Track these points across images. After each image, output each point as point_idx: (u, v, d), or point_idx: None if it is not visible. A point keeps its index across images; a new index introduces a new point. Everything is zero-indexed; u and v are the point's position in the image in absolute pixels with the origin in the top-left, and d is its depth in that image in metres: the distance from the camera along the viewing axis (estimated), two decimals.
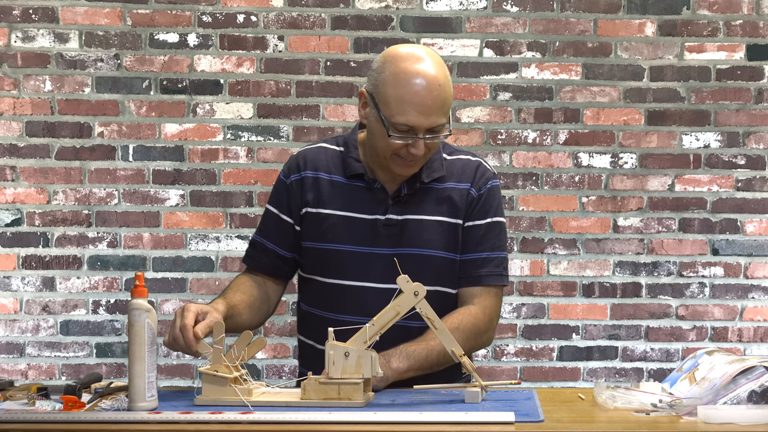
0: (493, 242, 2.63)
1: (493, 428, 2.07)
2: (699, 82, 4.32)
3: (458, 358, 2.31)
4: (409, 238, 2.57)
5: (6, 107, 4.24)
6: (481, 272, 2.62)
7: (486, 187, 2.63)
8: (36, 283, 4.25)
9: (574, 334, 4.33)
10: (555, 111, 4.32)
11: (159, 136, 4.28)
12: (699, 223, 4.33)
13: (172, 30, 4.26)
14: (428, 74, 2.46)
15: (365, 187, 2.60)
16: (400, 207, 2.59)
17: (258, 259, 2.68)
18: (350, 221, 2.58)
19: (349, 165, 2.61)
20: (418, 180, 2.59)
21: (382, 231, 2.57)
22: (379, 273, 2.55)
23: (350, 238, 2.57)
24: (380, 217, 2.58)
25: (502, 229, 2.65)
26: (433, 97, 2.45)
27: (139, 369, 2.20)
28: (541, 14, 4.31)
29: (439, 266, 2.58)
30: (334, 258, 2.58)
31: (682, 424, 2.11)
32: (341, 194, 2.60)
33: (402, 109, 2.45)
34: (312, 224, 2.61)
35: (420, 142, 2.47)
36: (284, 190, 2.66)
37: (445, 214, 2.60)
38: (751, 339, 4.33)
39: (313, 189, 2.62)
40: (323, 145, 2.68)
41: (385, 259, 2.54)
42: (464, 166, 2.64)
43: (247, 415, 2.14)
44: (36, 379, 4.24)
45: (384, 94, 2.48)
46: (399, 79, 2.46)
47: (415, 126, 2.46)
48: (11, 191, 4.25)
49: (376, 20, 4.28)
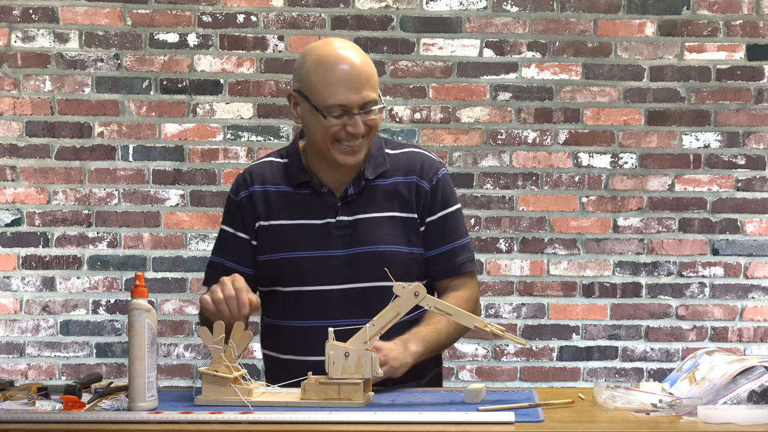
0: (458, 230, 2.67)
1: (493, 428, 2.07)
2: (699, 82, 4.32)
3: (484, 329, 2.31)
4: (362, 237, 2.59)
5: (6, 107, 4.24)
6: (457, 261, 2.66)
7: (437, 178, 2.65)
8: (36, 283, 4.25)
9: (574, 334, 4.33)
10: (555, 111, 4.32)
11: (159, 136, 4.28)
12: (699, 223, 4.33)
13: (172, 30, 4.26)
14: (347, 54, 2.53)
15: (312, 193, 2.62)
16: (350, 208, 2.61)
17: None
18: (302, 228, 2.60)
19: (293, 174, 2.64)
20: (362, 178, 2.61)
21: (334, 233, 2.59)
22: (337, 275, 2.57)
23: (304, 244, 2.59)
24: (331, 220, 2.60)
25: (461, 215, 2.70)
26: (357, 72, 2.51)
27: (139, 369, 2.20)
28: (541, 14, 4.31)
29: (394, 261, 2.58)
30: (290, 266, 2.59)
31: (682, 424, 2.11)
32: (290, 203, 2.63)
33: (331, 91, 2.50)
34: (266, 237, 2.63)
35: (357, 119, 2.51)
36: (235, 207, 2.68)
37: (396, 209, 2.62)
38: (751, 339, 4.33)
39: (263, 202, 2.64)
40: (268, 159, 2.72)
41: (342, 260, 2.57)
42: (408, 159, 2.66)
43: (247, 415, 2.14)
44: (36, 379, 4.24)
45: (310, 83, 2.52)
46: (321, 64, 2.52)
47: (347, 104, 2.50)
48: (11, 191, 4.25)
49: (376, 20, 4.28)
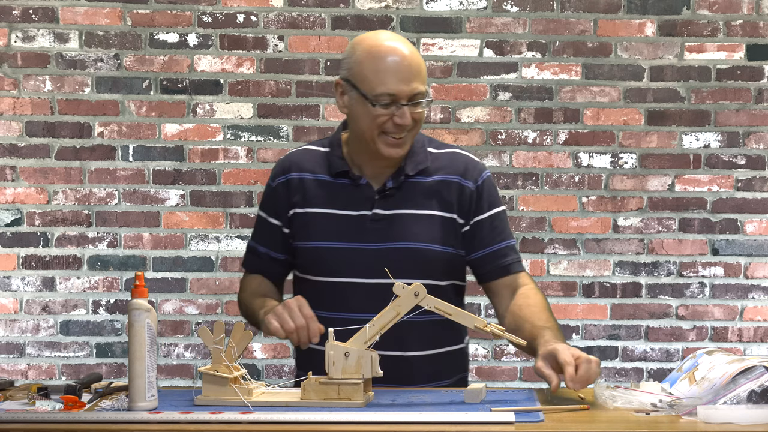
0: (506, 231, 2.67)
1: (493, 428, 2.07)
2: (699, 82, 4.33)
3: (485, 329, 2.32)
4: (397, 232, 2.58)
5: (6, 107, 4.24)
6: (506, 261, 2.66)
7: (482, 179, 2.65)
8: (36, 283, 4.25)
9: (574, 334, 4.33)
10: (555, 111, 4.32)
11: (159, 136, 4.28)
12: (699, 223, 4.34)
13: (172, 30, 4.27)
14: (398, 45, 2.54)
15: (351, 184, 2.62)
16: (387, 202, 2.60)
17: (253, 263, 2.74)
18: (337, 218, 2.60)
19: (333, 163, 2.64)
20: (402, 173, 2.61)
21: (369, 226, 2.59)
22: (369, 269, 2.56)
23: (338, 235, 2.59)
24: (367, 212, 2.60)
25: (506, 217, 2.70)
26: (408, 62, 2.51)
27: (139, 369, 2.20)
28: (541, 14, 4.31)
29: (428, 259, 2.59)
30: (323, 256, 2.60)
31: (682, 424, 2.11)
32: (327, 193, 2.63)
33: (381, 80, 2.50)
34: (301, 225, 2.64)
35: (404, 110, 2.51)
36: (271, 193, 2.70)
37: (435, 207, 2.61)
38: (751, 339, 4.33)
39: (300, 190, 2.64)
40: (308, 147, 2.72)
41: (374, 254, 2.56)
42: (452, 160, 2.66)
43: (247, 415, 2.14)
44: (36, 379, 4.25)
45: (360, 72, 2.53)
46: (372, 53, 2.53)
47: (396, 94, 2.50)
48: (11, 191, 4.25)
49: (376, 20, 4.28)
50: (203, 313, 4.28)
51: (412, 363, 2.59)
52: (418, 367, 2.60)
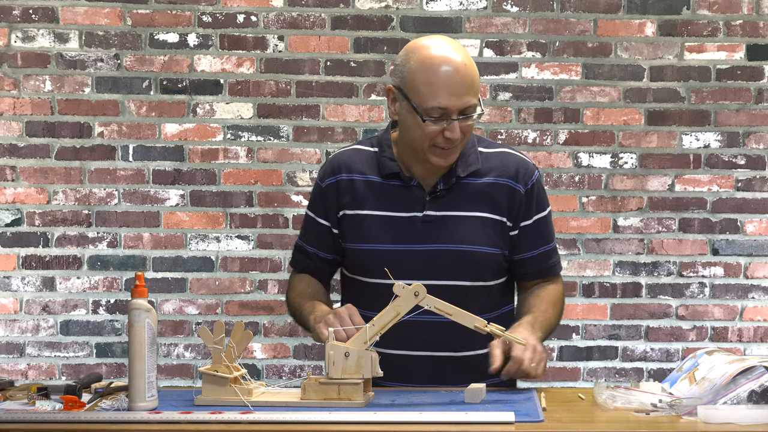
0: (550, 234, 2.69)
1: (493, 428, 2.07)
2: (699, 82, 4.32)
3: (485, 329, 2.32)
4: (448, 234, 2.58)
5: (6, 107, 4.24)
6: (549, 264, 2.69)
7: (532, 182, 2.64)
8: (36, 283, 4.25)
9: (574, 334, 4.33)
10: (555, 111, 4.32)
11: (159, 136, 4.28)
12: (699, 223, 4.33)
13: (172, 30, 4.26)
14: (453, 57, 2.50)
15: (401, 185, 2.61)
16: (438, 203, 2.59)
17: (302, 262, 2.74)
18: (388, 220, 2.60)
19: (383, 164, 2.63)
20: (453, 175, 2.59)
21: (420, 228, 2.58)
22: (419, 270, 2.54)
23: (389, 237, 2.59)
24: (418, 214, 2.59)
25: (551, 218, 2.72)
26: (461, 76, 2.48)
27: (139, 369, 2.20)
28: (541, 14, 4.31)
29: (478, 261, 2.59)
30: (373, 257, 2.59)
31: (682, 424, 2.11)
32: (378, 194, 2.62)
33: (433, 93, 2.47)
34: (351, 226, 2.63)
35: (455, 125, 2.49)
36: (320, 194, 2.68)
37: (485, 209, 2.60)
38: (751, 339, 4.33)
39: (349, 191, 2.63)
40: (357, 147, 2.70)
41: (424, 256, 2.56)
42: (503, 161, 2.64)
43: (247, 415, 2.14)
44: (36, 379, 4.24)
45: (413, 82, 2.50)
46: (426, 65, 2.49)
47: (447, 108, 2.48)
48: (11, 191, 4.25)
49: (376, 20, 4.28)
50: (203, 313, 4.28)
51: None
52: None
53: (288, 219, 4.28)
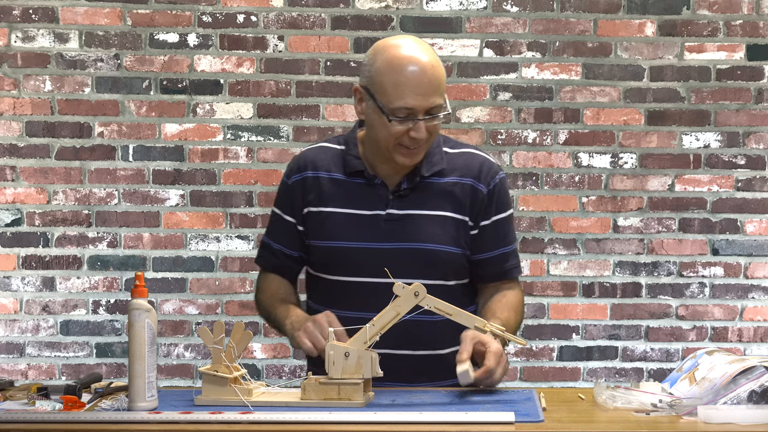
0: (510, 235, 2.70)
1: (493, 428, 2.07)
2: (699, 82, 4.32)
3: (484, 329, 2.33)
4: (411, 232, 2.59)
5: (6, 107, 4.24)
6: (507, 266, 2.69)
7: (495, 182, 2.65)
8: (36, 283, 4.25)
9: (574, 334, 4.33)
10: (555, 111, 4.32)
11: (159, 136, 4.28)
12: (699, 223, 4.34)
13: (172, 30, 4.26)
14: (420, 57, 2.51)
15: (366, 183, 2.62)
16: (402, 202, 2.61)
17: (268, 260, 2.75)
18: (352, 218, 2.61)
19: (348, 162, 2.64)
20: (418, 174, 2.61)
21: (383, 226, 2.59)
22: (382, 268, 2.54)
23: (352, 234, 2.60)
24: (381, 212, 2.60)
25: (512, 220, 2.72)
26: (428, 77, 2.49)
27: (139, 369, 2.20)
28: (541, 14, 4.31)
29: (441, 260, 2.60)
30: (337, 255, 2.60)
31: (682, 424, 2.11)
32: (342, 191, 2.63)
33: (399, 93, 2.49)
34: (315, 223, 2.64)
35: (420, 125, 2.50)
36: (286, 191, 2.70)
37: (448, 209, 2.62)
38: (751, 339, 4.33)
39: (315, 188, 2.64)
40: (324, 145, 2.71)
41: (388, 254, 2.57)
42: (468, 160, 2.66)
43: (247, 415, 2.14)
44: (36, 379, 4.24)
45: (380, 83, 2.51)
46: (393, 65, 2.50)
47: (414, 108, 2.49)
48: (11, 191, 4.25)
49: (376, 20, 4.28)
50: (203, 313, 4.28)
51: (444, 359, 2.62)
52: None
53: None
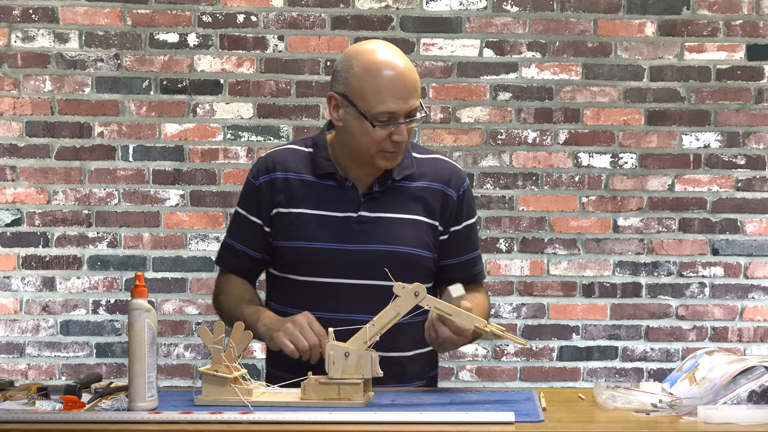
0: (475, 241, 2.74)
1: (493, 428, 2.07)
2: (699, 82, 4.32)
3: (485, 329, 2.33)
4: (382, 235, 2.60)
5: (6, 107, 4.24)
6: (474, 271, 2.73)
7: (463, 189, 2.69)
8: (36, 283, 4.25)
9: (574, 334, 4.33)
10: (555, 111, 4.32)
11: (159, 136, 4.28)
12: (699, 223, 4.33)
13: (172, 30, 4.26)
14: (396, 61, 2.54)
15: (336, 185, 2.63)
16: (372, 204, 2.62)
17: (229, 260, 2.73)
18: (322, 219, 2.61)
19: (319, 164, 2.64)
20: (389, 177, 2.63)
21: (355, 228, 2.60)
22: (352, 269, 2.58)
23: (322, 235, 2.60)
24: (353, 214, 2.61)
25: (477, 226, 2.77)
26: (407, 80, 2.52)
27: (139, 369, 2.20)
28: (541, 14, 4.31)
29: (413, 263, 2.61)
30: (306, 255, 2.60)
31: (682, 424, 2.11)
32: (312, 193, 2.63)
33: (381, 98, 2.51)
34: (284, 224, 2.64)
35: (402, 128, 2.53)
36: (253, 191, 2.68)
37: (420, 213, 2.64)
38: (751, 339, 4.33)
39: (284, 189, 2.64)
40: (292, 147, 2.72)
41: (358, 255, 2.59)
42: (436, 167, 2.69)
43: (247, 415, 2.14)
44: (36, 379, 4.24)
45: (359, 88, 2.53)
46: (371, 71, 2.52)
47: (395, 112, 2.51)
48: (11, 191, 4.25)
49: (376, 20, 4.28)
50: (203, 313, 4.28)
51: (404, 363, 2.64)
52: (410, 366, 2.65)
53: None
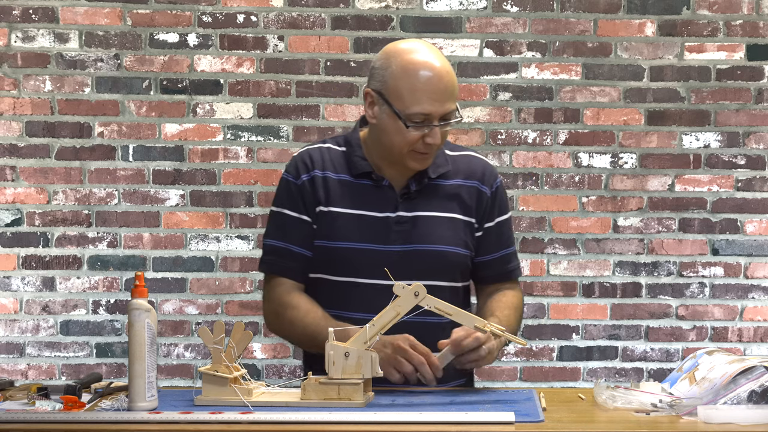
0: (511, 238, 2.73)
1: (493, 428, 2.07)
2: (699, 82, 4.32)
3: (485, 329, 2.33)
4: (421, 234, 2.59)
5: (6, 107, 4.24)
6: (509, 267, 2.72)
7: (496, 185, 2.68)
8: (36, 283, 4.25)
9: (574, 334, 4.33)
10: (555, 111, 4.32)
11: (159, 136, 4.28)
12: (699, 223, 4.33)
13: (172, 30, 4.26)
14: (435, 62, 2.51)
15: (373, 185, 2.62)
16: (410, 204, 2.61)
17: (281, 264, 2.65)
18: (361, 219, 2.60)
19: (355, 164, 2.63)
20: (425, 176, 2.61)
21: (393, 228, 2.59)
22: (392, 270, 2.51)
23: (362, 236, 2.58)
24: (391, 214, 2.60)
25: (512, 223, 2.75)
26: (444, 83, 2.50)
27: (139, 369, 2.20)
28: (541, 14, 4.31)
29: (450, 262, 2.61)
30: (345, 256, 2.58)
31: (682, 424, 2.11)
32: (350, 193, 2.61)
33: (416, 99, 2.49)
34: (324, 223, 2.61)
35: (436, 131, 2.51)
36: (297, 190, 2.64)
37: (456, 210, 2.63)
38: (751, 339, 4.33)
39: (323, 188, 2.62)
40: (325, 146, 2.69)
41: (398, 256, 2.57)
42: (470, 164, 2.68)
43: (247, 415, 2.14)
44: (36, 379, 4.24)
45: (395, 87, 2.51)
46: (408, 70, 2.50)
47: (430, 114, 2.49)
48: (11, 191, 4.25)
49: (376, 20, 4.28)
50: (203, 313, 4.28)
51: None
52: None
53: None
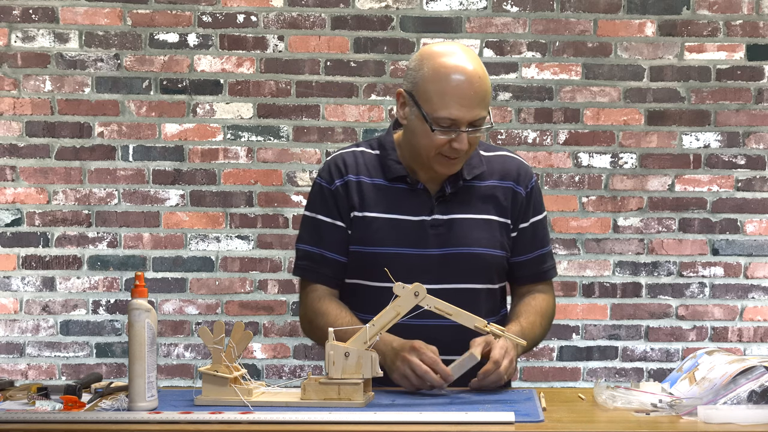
0: (546, 238, 2.71)
1: (493, 428, 2.07)
2: (699, 82, 4.32)
3: (485, 329, 2.33)
4: (458, 237, 2.57)
5: (6, 107, 4.24)
6: (544, 267, 2.70)
7: (531, 185, 2.66)
8: (36, 283, 4.25)
9: (574, 334, 4.33)
10: (555, 111, 4.32)
11: (159, 136, 4.28)
12: (699, 223, 4.33)
13: (172, 30, 4.26)
14: (467, 68, 2.48)
15: (408, 189, 2.60)
16: (445, 207, 2.59)
17: (316, 271, 2.63)
18: (397, 223, 2.58)
19: (389, 167, 2.60)
20: (460, 178, 2.59)
21: (429, 232, 2.57)
22: (429, 274, 2.53)
23: (398, 240, 2.56)
24: (426, 218, 2.58)
25: (547, 223, 2.76)
26: (474, 89, 2.46)
27: (139, 369, 2.20)
28: (541, 14, 4.31)
29: (488, 264, 2.60)
30: (382, 261, 2.52)
31: (682, 424, 2.11)
32: (385, 197, 2.59)
33: (444, 103, 2.46)
34: (359, 228, 2.59)
35: (463, 136, 2.48)
36: (331, 195, 2.61)
37: (492, 212, 2.61)
38: (751, 339, 4.33)
39: (358, 193, 2.60)
40: (358, 149, 2.66)
41: (436, 259, 2.55)
42: (504, 164, 2.65)
43: (247, 415, 2.14)
44: (36, 379, 4.24)
45: (425, 90, 2.48)
46: (439, 74, 2.47)
47: (457, 119, 2.46)
48: (11, 191, 4.25)
49: (376, 20, 4.28)
50: (203, 313, 4.28)
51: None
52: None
53: (288, 219, 4.28)
